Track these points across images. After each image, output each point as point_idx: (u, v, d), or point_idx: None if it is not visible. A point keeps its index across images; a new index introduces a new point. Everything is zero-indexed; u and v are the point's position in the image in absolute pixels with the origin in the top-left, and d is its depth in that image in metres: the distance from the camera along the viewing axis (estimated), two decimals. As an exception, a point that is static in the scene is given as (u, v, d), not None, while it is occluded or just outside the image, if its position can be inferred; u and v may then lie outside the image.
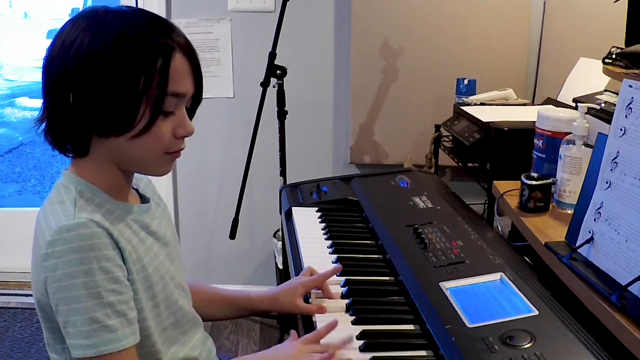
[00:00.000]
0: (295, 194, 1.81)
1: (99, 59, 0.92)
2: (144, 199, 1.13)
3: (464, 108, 2.05)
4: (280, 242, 2.56)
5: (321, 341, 1.10)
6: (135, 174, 1.15)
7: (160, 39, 0.95)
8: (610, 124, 1.15)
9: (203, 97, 1.08)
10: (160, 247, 1.09)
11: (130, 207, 1.04)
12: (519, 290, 1.14)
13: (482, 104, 2.17)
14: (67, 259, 0.90)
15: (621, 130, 1.09)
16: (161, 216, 1.15)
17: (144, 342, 1.00)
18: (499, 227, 1.54)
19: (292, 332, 1.18)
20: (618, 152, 1.09)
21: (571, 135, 1.36)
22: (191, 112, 1.06)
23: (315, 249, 1.47)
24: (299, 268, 1.39)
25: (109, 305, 0.92)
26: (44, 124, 0.99)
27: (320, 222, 1.61)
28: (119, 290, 0.93)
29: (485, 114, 1.89)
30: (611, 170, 1.10)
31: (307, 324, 1.21)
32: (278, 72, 2.30)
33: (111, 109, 0.94)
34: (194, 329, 1.16)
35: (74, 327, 0.91)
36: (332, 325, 1.11)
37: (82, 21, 0.96)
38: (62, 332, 0.96)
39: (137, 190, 1.14)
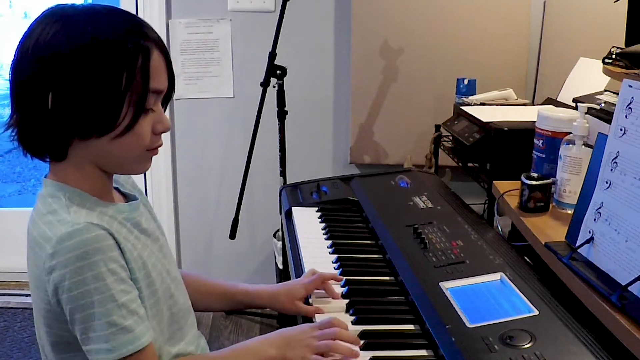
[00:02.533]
0: (295, 194, 1.81)
1: (80, 61, 0.91)
2: (127, 197, 1.12)
3: (464, 108, 2.05)
4: (280, 242, 2.56)
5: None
6: None
7: (139, 37, 0.95)
8: (610, 124, 1.15)
9: (204, 97, 1.08)
10: (152, 242, 1.08)
11: (121, 207, 1.04)
12: (519, 290, 1.14)
13: (482, 104, 2.17)
14: (74, 267, 0.89)
15: (621, 130, 1.09)
16: (144, 211, 1.14)
17: None
18: (499, 227, 1.54)
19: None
20: (618, 152, 1.09)
21: (571, 135, 1.36)
22: (163, 107, 1.05)
23: (315, 249, 1.47)
24: (299, 268, 1.39)
25: (124, 306, 0.92)
26: (15, 129, 0.97)
27: (320, 222, 1.61)
28: (127, 290, 0.94)
29: (485, 114, 1.89)
30: (611, 170, 1.10)
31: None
32: (278, 72, 2.30)
33: (94, 110, 0.93)
34: (188, 325, 1.15)
35: (93, 333, 0.91)
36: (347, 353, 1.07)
37: (53, 21, 0.93)
38: (62, 345, 0.96)
39: (117, 189, 1.12)
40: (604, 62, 1.60)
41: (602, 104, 1.49)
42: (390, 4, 2.56)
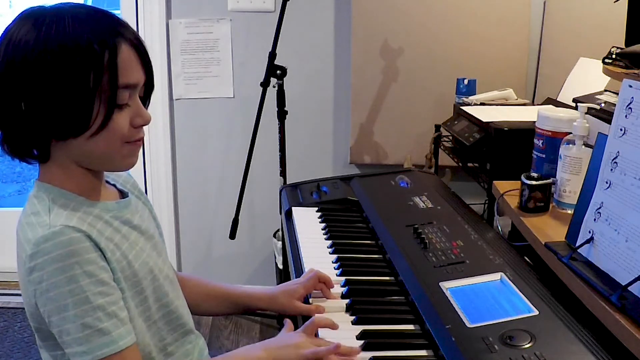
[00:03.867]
0: (295, 194, 1.81)
1: (46, 61, 0.91)
2: (123, 194, 1.12)
3: (464, 108, 2.05)
4: (280, 242, 2.56)
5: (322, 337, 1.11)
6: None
7: (106, 35, 0.94)
8: (610, 124, 1.15)
9: (204, 97, 1.08)
10: (145, 240, 1.08)
11: (108, 205, 1.03)
12: (519, 290, 1.14)
13: (482, 104, 2.17)
14: (50, 269, 0.90)
15: (621, 130, 1.09)
16: (142, 210, 1.14)
17: None
18: (499, 227, 1.54)
19: (287, 321, 1.18)
20: (618, 152, 1.09)
21: (571, 135, 1.36)
22: (145, 100, 1.04)
23: (315, 249, 1.47)
24: (299, 268, 1.39)
25: (99, 309, 0.92)
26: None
27: (320, 222, 1.61)
28: (106, 292, 0.93)
29: (485, 114, 1.89)
30: (611, 170, 1.10)
31: (307, 324, 1.21)
32: (278, 72, 2.30)
33: (65, 111, 0.93)
34: (186, 325, 1.15)
35: (68, 336, 0.91)
36: (329, 324, 1.11)
37: (25, 22, 0.94)
38: (51, 340, 0.96)
39: (115, 185, 1.12)
40: (604, 62, 1.60)
41: (602, 104, 1.49)
42: (390, 4, 2.56)
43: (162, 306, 1.08)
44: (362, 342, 1.08)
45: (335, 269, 1.36)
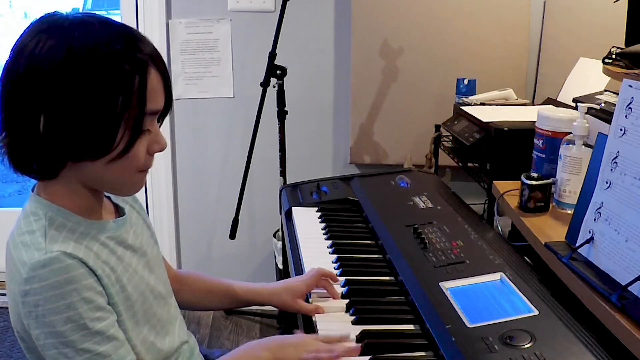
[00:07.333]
0: (295, 194, 1.81)
1: (75, 82, 0.87)
2: (118, 208, 1.09)
3: (464, 108, 2.05)
4: (280, 242, 2.56)
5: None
6: None
7: (136, 55, 0.91)
8: (610, 124, 1.15)
9: (204, 97, 1.07)
10: (139, 259, 1.05)
11: (105, 225, 1.00)
12: (519, 290, 1.14)
13: (482, 104, 2.17)
14: (47, 295, 0.87)
15: (621, 130, 1.09)
16: (137, 221, 1.11)
17: None
18: (499, 227, 1.54)
19: (297, 332, 1.18)
20: (618, 152, 1.09)
21: (571, 135, 1.36)
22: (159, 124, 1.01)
23: (315, 249, 1.47)
24: (299, 268, 1.39)
25: (98, 333, 0.90)
26: (4, 147, 0.92)
27: (320, 222, 1.62)
28: (104, 317, 0.92)
29: (485, 114, 1.89)
30: (611, 170, 1.10)
31: (307, 323, 1.21)
32: (278, 72, 2.30)
33: (88, 134, 0.89)
34: (176, 343, 1.13)
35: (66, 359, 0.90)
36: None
37: (47, 35, 0.88)
38: (38, 352, 0.94)
39: (109, 198, 1.09)
40: (604, 62, 1.60)
41: (602, 104, 1.49)
42: (390, 4, 2.56)
43: (152, 327, 1.05)
44: (362, 342, 1.08)
45: (335, 269, 1.36)
